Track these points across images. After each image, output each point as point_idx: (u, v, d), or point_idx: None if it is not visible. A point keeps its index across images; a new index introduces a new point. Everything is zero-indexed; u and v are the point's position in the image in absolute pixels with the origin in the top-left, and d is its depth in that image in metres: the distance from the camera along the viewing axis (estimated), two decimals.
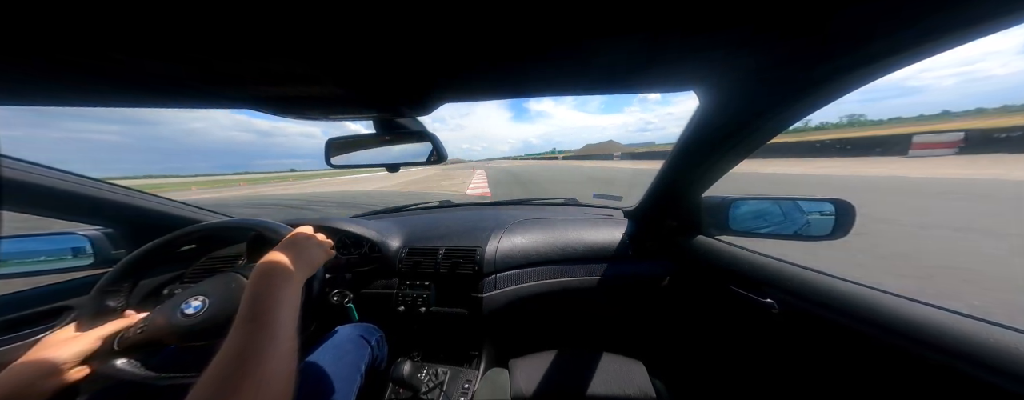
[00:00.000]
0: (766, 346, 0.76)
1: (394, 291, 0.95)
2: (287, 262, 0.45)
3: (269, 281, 0.41)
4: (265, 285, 0.40)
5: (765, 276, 0.73)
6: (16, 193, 0.68)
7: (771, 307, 0.68)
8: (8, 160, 0.66)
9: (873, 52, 0.38)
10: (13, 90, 0.43)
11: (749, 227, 0.89)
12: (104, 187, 0.81)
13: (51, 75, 0.38)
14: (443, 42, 0.34)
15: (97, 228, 0.86)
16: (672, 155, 0.82)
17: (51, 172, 0.72)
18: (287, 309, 0.38)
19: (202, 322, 0.51)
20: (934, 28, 0.33)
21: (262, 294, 0.39)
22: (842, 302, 0.58)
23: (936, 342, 0.45)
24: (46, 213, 0.76)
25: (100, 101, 0.50)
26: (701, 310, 0.95)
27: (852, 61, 0.40)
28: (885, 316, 0.52)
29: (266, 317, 0.36)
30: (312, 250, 0.52)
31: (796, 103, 0.52)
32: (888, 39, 0.36)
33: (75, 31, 0.28)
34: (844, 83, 0.45)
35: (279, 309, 0.37)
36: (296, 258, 0.47)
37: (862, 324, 0.54)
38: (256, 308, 0.37)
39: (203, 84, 0.42)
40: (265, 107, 0.54)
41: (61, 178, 0.73)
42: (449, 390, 0.87)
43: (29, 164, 0.69)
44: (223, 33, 0.29)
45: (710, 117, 0.63)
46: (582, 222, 1.09)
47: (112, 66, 0.35)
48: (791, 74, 0.46)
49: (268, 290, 0.39)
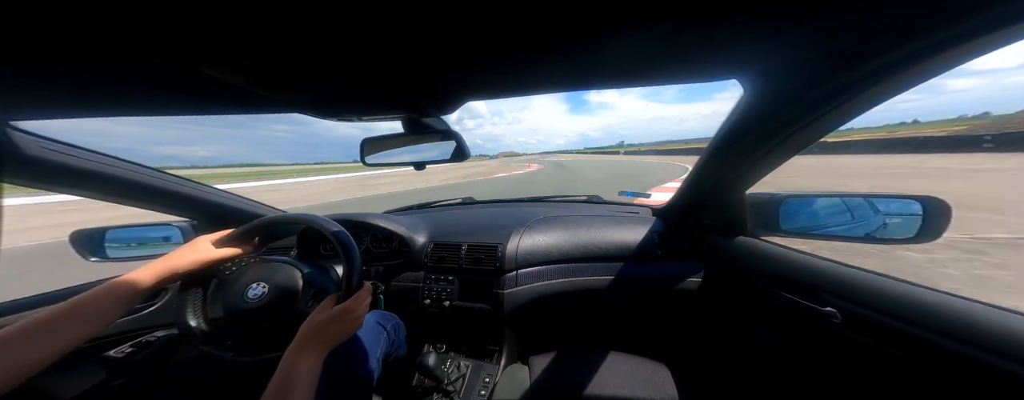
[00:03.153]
0: (821, 359, 0.67)
1: (420, 284, 1.00)
2: (320, 340, 0.51)
3: (301, 354, 0.48)
4: (297, 357, 0.48)
5: (825, 282, 0.64)
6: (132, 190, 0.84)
7: (832, 316, 0.60)
8: (129, 164, 0.82)
9: (962, 32, 0.31)
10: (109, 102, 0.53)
11: (805, 227, 0.78)
12: (188, 183, 0.97)
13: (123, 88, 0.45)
14: (462, 38, 0.34)
15: (185, 220, 1.03)
16: (710, 149, 0.75)
17: (155, 173, 0.87)
18: (308, 383, 0.46)
19: (259, 308, 0.60)
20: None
21: (292, 367, 0.47)
22: (928, 315, 0.49)
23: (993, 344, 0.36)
24: (151, 207, 0.92)
25: (176, 110, 0.59)
26: (739, 316, 0.86)
27: (936, 42, 0.33)
28: (988, 334, 0.42)
29: (291, 389, 0.44)
30: (347, 329, 0.55)
31: (861, 94, 0.44)
32: (984, 14, 0.29)
33: (165, 46, 0.33)
34: (924, 68, 0.37)
35: (302, 383, 0.45)
36: (329, 335, 0.52)
37: (954, 342, 0.45)
38: (284, 380, 0.45)
39: (265, 91, 0.48)
40: (309, 110, 0.60)
41: (160, 177, 0.88)
42: (471, 383, 0.90)
43: (140, 166, 0.84)
44: (283, 45, 0.33)
45: (757, 108, 0.56)
46: (606, 220, 1.05)
47: (181, 77, 0.41)
48: (854, 61, 0.39)
49: (296, 363, 0.47)
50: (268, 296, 0.62)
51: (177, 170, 2.87)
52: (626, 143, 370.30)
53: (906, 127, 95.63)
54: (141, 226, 0.99)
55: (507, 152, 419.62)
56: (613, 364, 0.84)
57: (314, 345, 0.50)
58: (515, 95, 0.61)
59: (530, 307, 0.93)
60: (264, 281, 0.64)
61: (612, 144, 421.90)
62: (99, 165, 0.74)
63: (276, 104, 0.56)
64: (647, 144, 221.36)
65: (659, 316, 1.02)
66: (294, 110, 0.59)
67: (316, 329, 0.51)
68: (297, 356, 0.48)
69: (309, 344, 0.49)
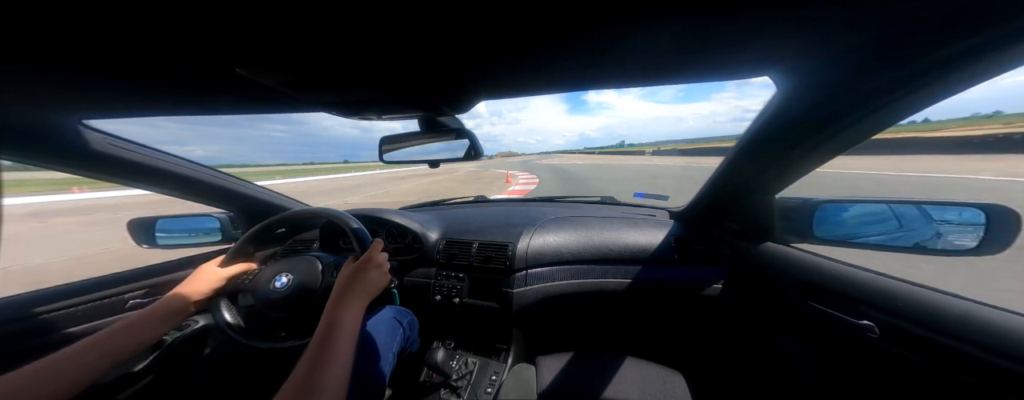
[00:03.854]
0: (850, 372, 0.62)
1: (432, 281, 1.02)
2: (354, 289, 0.55)
3: (340, 305, 0.51)
4: (337, 309, 0.50)
5: (860, 293, 0.58)
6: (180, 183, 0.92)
7: (869, 330, 0.55)
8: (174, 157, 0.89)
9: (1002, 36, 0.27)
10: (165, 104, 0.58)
11: (843, 235, 0.71)
12: (226, 177, 1.05)
13: (187, 89, 0.50)
14: (479, 38, 0.34)
15: (224, 211, 1.11)
16: (737, 150, 0.71)
17: (200, 168, 0.95)
18: (350, 332, 0.48)
19: (286, 296, 0.65)
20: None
21: (334, 318, 0.49)
22: (990, 334, 0.43)
23: None
24: (194, 198, 1.01)
25: (218, 110, 0.64)
26: (761, 324, 0.81)
27: (991, 40, 0.29)
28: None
29: (334, 338, 0.46)
30: (373, 277, 0.59)
31: (905, 94, 0.40)
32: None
33: (211, 53, 0.36)
34: (979, 69, 0.33)
35: (344, 332, 0.47)
36: (362, 285, 0.56)
37: (1008, 361, 0.40)
38: (328, 330, 0.47)
39: (293, 92, 0.51)
40: (334, 109, 0.63)
41: (203, 171, 0.96)
42: (478, 380, 0.90)
43: (183, 160, 0.92)
44: (312, 52, 0.36)
45: (790, 107, 0.52)
46: (620, 222, 1.02)
47: (233, 80, 0.44)
48: (898, 57, 0.35)
49: (339, 315, 0.49)
50: (293, 284, 0.67)
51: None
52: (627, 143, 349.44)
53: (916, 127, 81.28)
54: (187, 216, 1.09)
55: (505, 152, 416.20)
56: (624, 369, 0.81)
57: (349, 296, 0.53)
58: (532, 94, 0.61)
59: (539, 307, 0.92)
60: (288, 272, 0.69)
61: (612, 144, 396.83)
62: (153, 160, 0.82)
63: (305, 104, 0.59)
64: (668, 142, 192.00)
65: (675, 322, 0.98)
66: (321, 109, 0.62)
67: (348, 279, 0.56)
68: (335, 307, 0.51)
69: (343, 295, 0.53)
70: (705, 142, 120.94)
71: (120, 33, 0.31)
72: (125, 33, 0.31)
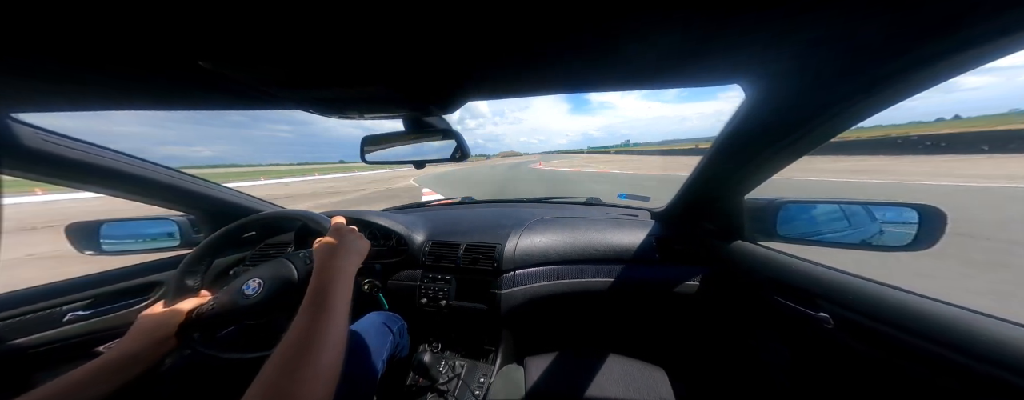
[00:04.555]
0: (811, 361, 0.67)
1: (417, 283, 1.00)
2: (341, 255, 0.50)
3: (329, 274, 0.46)
4: (327, 278, 0.46)
5: (818, 288, 0.64)
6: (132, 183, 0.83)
7: (825, 322, 0.60)
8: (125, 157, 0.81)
9: (961, 40, 0.31)
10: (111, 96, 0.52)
11: (802, 233, 0.78)
12: (188, 178, 0.96)
13: (148, 82, 0.45)
14: (466, 39, 0.34)
15: (183, 214, 1.02)
16: (711, 153, 0.75)
17: (154, 166, 0.87)
18: (343, 299, 0.44)
19: (258, 302, 0.60)
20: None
21: (325, 286, 0.44)
22: (915, 320, 0.49)
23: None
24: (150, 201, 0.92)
25: (184, 105, 0.58)
26: (736, 320, 0.86)
27: (937, 51, 0.33)
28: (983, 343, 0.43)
29: (327, 305, 0.41)
30: (356, 241, 0.56)
31: (862, 100, 0.44)
32: (967, 32, 0.29)
33: (172, 44, 0.33)
34: (918, 80, 0.37)
35: (337, 299, 0.43)
36: (347, 250, 0.52)
37: (939, 346, 0.45)
38: (318, 299, 0.42)
39: (265, 88, 0.47)
40: (312, 107, 0.60)
41: (159, 171, 0.88)
42: (466, 383, 0.89)
43: (140, 160, 0.84)
44: (285, 45, 0.33)
45: (757, 113, 0.56)
46: (604, 222, 1.05)
47: (197, 74, 0.41)
48: (855, 67, 0.39)
49: (329, 283, 0.45)
50: (265, 288, 0.61)
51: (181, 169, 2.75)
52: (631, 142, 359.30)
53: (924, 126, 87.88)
54: (138, 220, 0.99)
55: (507, 152, 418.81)
56: (609, 366, 0.84)
57: (333, 259, 0.49)
58: (517, 95, 0.61)
59: (527, 308, 0.93)
60: (257, 277, 0.63)
61: (615, 143, 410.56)
62: (98, 158, 0.74)
63: (280, 101, 0.56)
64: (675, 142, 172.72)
65: (657, 319, 1.02)
66: (298, 107, 0.59)
67: (325, 251, 0.51)
68: (322, 273, 0.46)
69: (329, 261, 0.48)
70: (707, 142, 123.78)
71: (49, 14, 0.27)
72: (55, 14, 0.27)
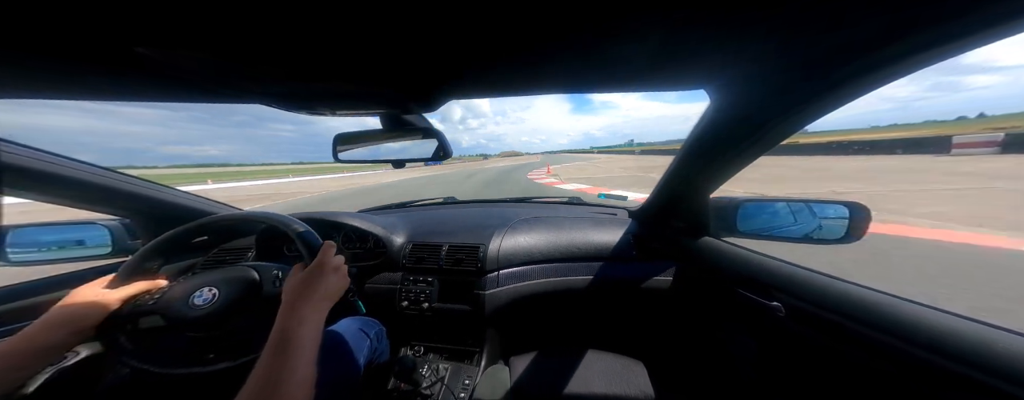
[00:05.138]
0: (770, 349, 0.75)
1: (398, 286, 0.96)
2: (314, 300, 0.47)
3: (294, 314, 0.44)
4: (292, 319, 0.43)
5: (772, 279, 0.72)
6: (43, 183, 0.70)
7: (777, 311, 0.67)
8: (38, 152, 0.69)
9: (892, 53, 0.37)
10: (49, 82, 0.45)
11: (757, 229, 0.87)
12: (123, 178, 0.84)
13: (76, 70, 0.39)
14: (447, 38, 0.34)
15: (116, 218, 0.89)
16: (680, 155, 0.81)
17: (75, 163, 0.75)
18: (312, 339, 0.42)
19: (209, 314, 0.53)
20: (956, 29, 0.31)
21: (289, 329, 0.42)
22: (853, 307, 0.56)
23: (952, 351, 0.43)
24: (69, 203, 0.79)
25: (123, 96, 0.51)
26: (705, 312, 0.93)
27: (871, 62, 0.39)
28: (897, 322, 0.50)
29: (290, 351, 0.39)
30: (336, 282, 0.52)
31: (813, 103, 0.50)
32: (906, 41, 0.34)
33: (102, 27, 0.29)
34: (862, 84, 0.43)
35: (305, 340, 0.41)
36: (322, 295, 0.48)
37: (872, 330, 0.52)
38: (283, 342, 0.40)
39: (218, 79, 0.43)
40: (275, 102, 0.55)
41: (83, 169, 0.76)
42: (450, 386, 0.88)
43: (56, 156, 0.72)
44: (236, 30, 0.30)
45: (721, 116, 0.61)
46: (586, 222, 1.09)
47: (134, 61, 0.36)
48: (807, 74, 0.44)
49: (294, 325, 0.42)
50: (219, 300, 0.55)
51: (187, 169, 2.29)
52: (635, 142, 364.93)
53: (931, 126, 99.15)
54: (56, 225, 0.85)
55: (508, 151, 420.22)
56: (591, 362, 0.87)
57: (303, 304, 0.46)
58: (498, 95, 0.61)
59: (511, 307, 0.94)
60: (211, 285, 0.57)
61: (618, 143, 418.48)
62: (16, 158, 0.62)
63: (241, 94, 0.51)
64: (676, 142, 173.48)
65: (635, 314, 1.07)
66: (256, 101, 0.54)
67: (297, 290, 0.47)
68: (288, 317, 0.43)
69: (297, 303, 0.45)
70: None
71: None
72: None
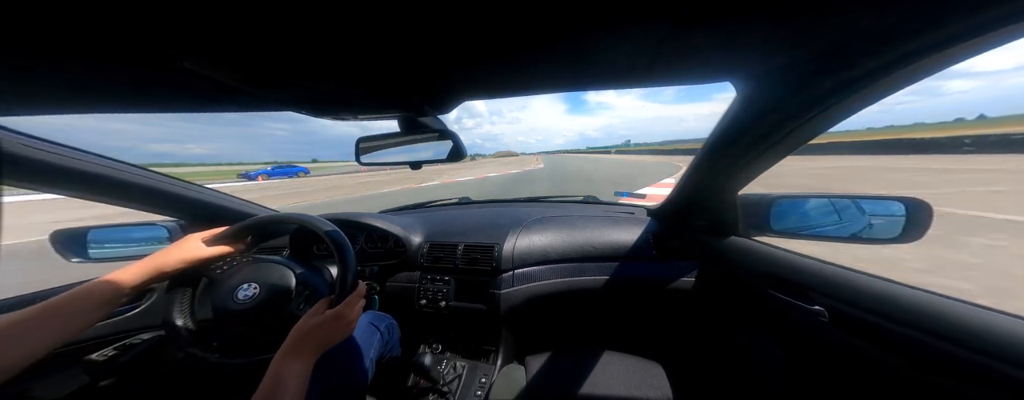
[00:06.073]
0: (801, 356, 0.69)
1: (416, 285, 0.99)
2: (308, 350, 0.50)
3: (289, 367, 0.47)
4: (287, 370, 0.46)
5: (813, 281, 0.66)
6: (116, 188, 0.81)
7: (820, 315, 0.61)
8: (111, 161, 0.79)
9: (939, 40, 0.32)
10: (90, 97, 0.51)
11: (795, 228, 0.80)
12: (180, 183, 0.94)
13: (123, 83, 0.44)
14: (460, 38, 0.34)
15: (173, 219, 1.00)
16: (703, 151, 0.76)
17: (141, 171, 0.85)
18: (298, 393, 0.45)
19: (250, 309, 0.59)
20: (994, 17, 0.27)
21: (283, 379, 0.45)
22: (910, 313, 0.50)
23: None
24: (138, 206, 0.89)
25: (163, 107, 0.57)
26: (731, 315, 0.88)
27: (915, 49, 0.34)
28: (966, 330, 0.44)
29: (281, 391, 0.43)
30: (337, 334, 0.53)
31: (851, 96, 0.45)
32: (958, 24, 0.30)
33: (149, 42, 0.32)
34: (905, 75, 0.38)
35: (292, 391, 0.44)
36: (319, 346, 0.51)
37: (934, 338, 0.46)
38: (274, 391, 0.43)
39: (255, 89, 0.47)
40: (305, 109, 0.59)
41: (149, 176, 0.86)
42: (467, 383, 0.90)
43: (126, 164, 0.82)
44: (273, 42, 0.33)
45: (749, 110, 0.57)
46: (602, 220, 1.06)
47: (177, 75, 0.40)
48: (845, 63, 0.40)
49: (289, 376, 0.46)
50: (259, 297, 0.60)
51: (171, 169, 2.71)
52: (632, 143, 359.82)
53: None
54: (126, 226, 0.96)
55: (504, 151, 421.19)
56: (608, 363, 0.85)
57: (304, 349, 0.49)
58: (512, 95, 0.61)
59: (526, 307, 0.93)
60: (255, 282, 0.62)
61: (614, 144, 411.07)
62: (83, 163, 0.72)
63: (269, 102, 0.55)
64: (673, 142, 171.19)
65: (654, 315, 1.03)
66: (288, 108, 0.58)
67: (307, 333, 0.50)
68: (286, 360, 0.47)
69: (299, 348, 0.48)
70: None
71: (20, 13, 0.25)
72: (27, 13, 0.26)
